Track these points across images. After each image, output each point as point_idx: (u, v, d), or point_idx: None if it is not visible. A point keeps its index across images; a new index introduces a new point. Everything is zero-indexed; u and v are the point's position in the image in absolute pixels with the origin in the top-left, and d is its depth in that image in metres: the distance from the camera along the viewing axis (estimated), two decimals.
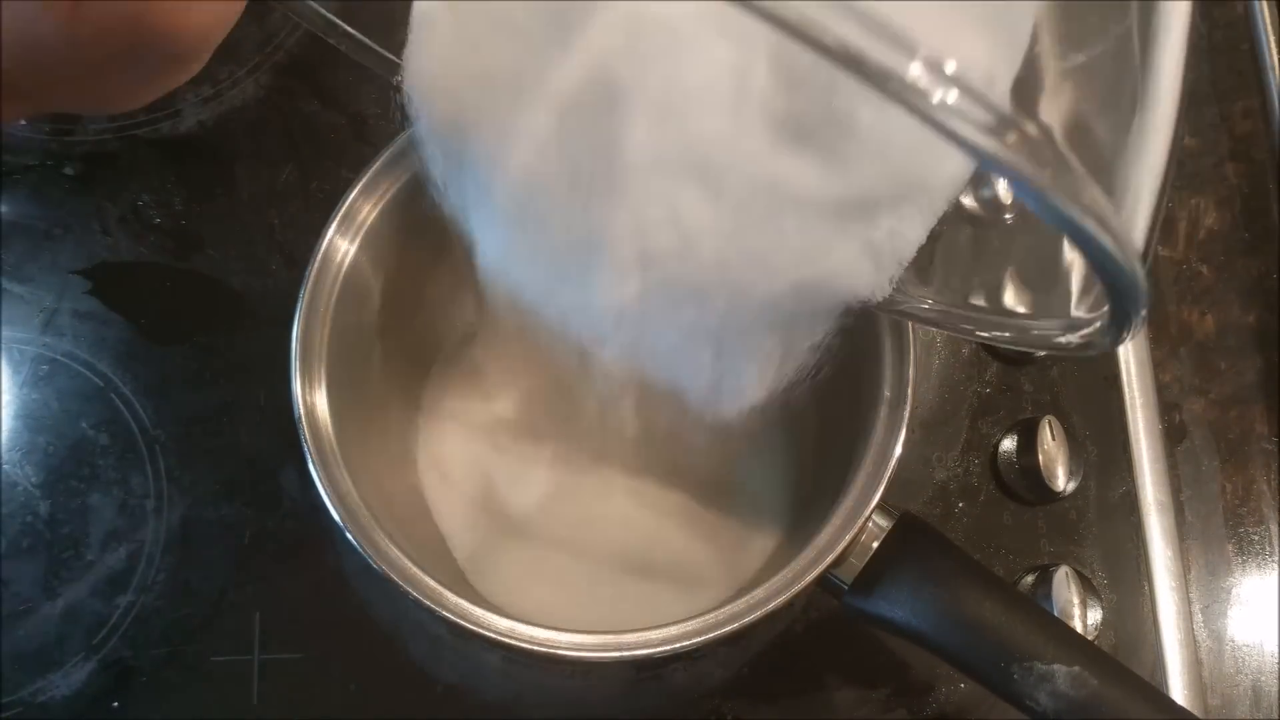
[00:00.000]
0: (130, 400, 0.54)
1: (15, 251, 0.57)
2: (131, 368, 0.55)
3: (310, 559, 0.52)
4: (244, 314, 0.56)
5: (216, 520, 0.53)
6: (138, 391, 0.54)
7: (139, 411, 0.54)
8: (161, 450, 0.53)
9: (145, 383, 0.54)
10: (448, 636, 0.51)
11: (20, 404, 0.54)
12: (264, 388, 0.54)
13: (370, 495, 0.42)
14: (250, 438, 0.54)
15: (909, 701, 0.52)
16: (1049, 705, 0.40)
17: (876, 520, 0.42)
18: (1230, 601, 0.55)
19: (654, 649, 0.38)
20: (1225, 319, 0.59)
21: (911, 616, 0.42)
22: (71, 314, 0.56)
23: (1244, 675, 0.54)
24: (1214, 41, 0.64)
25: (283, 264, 0.56)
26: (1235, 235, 0.60)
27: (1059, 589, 0.50)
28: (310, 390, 0.42)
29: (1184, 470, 0.57)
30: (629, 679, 0.52)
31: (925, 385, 0.56)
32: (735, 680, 0.52)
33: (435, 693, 0.51)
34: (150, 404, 0.54)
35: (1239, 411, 0.58)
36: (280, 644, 0.51)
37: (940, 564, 0.42)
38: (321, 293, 0.43)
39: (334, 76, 0.59)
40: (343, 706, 0.51)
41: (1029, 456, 0.53)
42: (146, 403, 0.54)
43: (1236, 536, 0.56)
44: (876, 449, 0.42)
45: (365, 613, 0.51)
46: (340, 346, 0.44)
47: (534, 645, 0.38)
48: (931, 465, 0.55)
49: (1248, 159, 0.62)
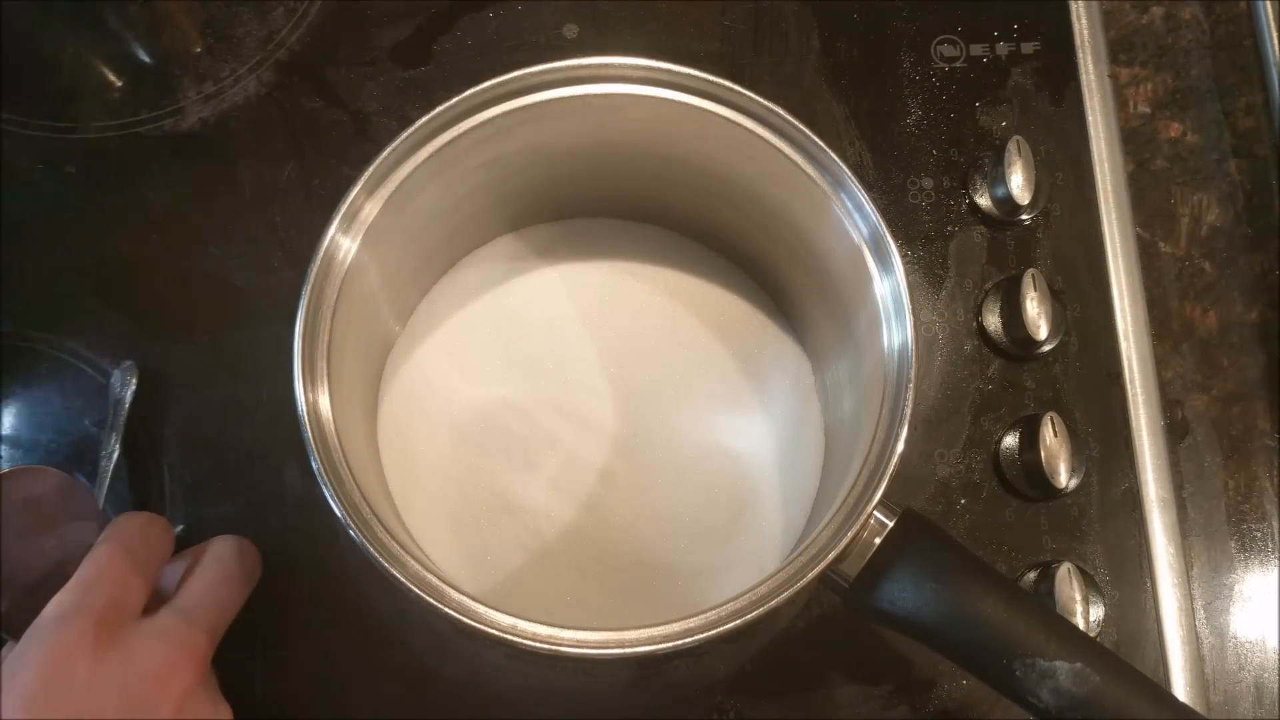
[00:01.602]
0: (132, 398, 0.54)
1: (17, 248, 0.57)
2: (133, 365, 0.54)
3: (313, 556, 0.52)
4: (246, 311, 0.56)
5: (219, 518, 0.53)
6: (140, 389, 0.54)
7: (141, 409, 0.54)
8: (164, 448, 0.53)
9: (147, 380, 0.54)
10: (450, 633, 0.51)
11: (22, 402, 0.55)
12: (266, 385, 0.54)
13: (373, 493, 0.42)
14: (253, 435, 0.54)
15: (911, 698, 0.52)
16: (1051, 702, 0.40)
17: (878, 517, 0.42)
18: (1233, 598, 0.55)
19: (656, 646, 0.38)
20: (1228, 315, 0.59)
21: (913, 613, 0.42)
22: (74, 311, 0.56)
23: (1246, 672, 0.54)
24: (1216, 38, 0.64)
25: (285, 261, 0.56)
26: (1238, 231, 0.60)
27: (1061, 586, 0.50)
28: (313, 388, 0.42)
29: (1186, 467, 0.57)
30: (631, 676, 0.52)
31: (927, 382, 0.56)
32: (737, 677, 0.52)
33: (438, 689, 0.51)
34: (152, 402, 0.54)
35: (1241, 408, 0.58)
36: (283, 642, 0.51)
37: (942, 561, 0.42)
38: (324, 290, 0.43)
39: (336, 74, 0.59)
40: (346, 704, 0.51)
41: (1031, 453, 0.53)
42: (148, 400, 0.54)
43: (1239, 533, 0.56)
44: (878, 446, 0.42)
45: (368, 610, 0.51)
46: (342, 343, 0.44)
47: (536, 642, 0.38)
48: (933, 462, 0.55)
49: (1250, 155, 0.62)
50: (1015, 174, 0.56)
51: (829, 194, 0.45)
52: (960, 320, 0.57)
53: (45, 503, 0.46)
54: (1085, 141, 0.59)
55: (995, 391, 0.56)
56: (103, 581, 0.42)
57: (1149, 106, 0.62)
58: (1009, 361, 0.56)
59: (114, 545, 0.43)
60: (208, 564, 0.46)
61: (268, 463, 0.53)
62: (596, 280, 0.55)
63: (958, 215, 0.58)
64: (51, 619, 0.40)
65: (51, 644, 0.39)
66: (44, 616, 0.41)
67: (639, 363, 0.54)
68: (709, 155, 0.48)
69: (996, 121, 0.60)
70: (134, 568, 0.43)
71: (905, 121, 0.60)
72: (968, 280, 0.57)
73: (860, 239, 0.44)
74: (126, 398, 0.53)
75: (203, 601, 0.45)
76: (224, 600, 0.46)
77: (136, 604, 0.43)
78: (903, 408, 0.41)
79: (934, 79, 0.60)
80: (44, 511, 0.46)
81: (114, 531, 0.44)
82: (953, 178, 0.59)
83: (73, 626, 0.40)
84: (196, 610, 0.44)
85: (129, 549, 0.43)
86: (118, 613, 0.41)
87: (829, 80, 0.60)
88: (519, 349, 0.54)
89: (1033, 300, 0.54)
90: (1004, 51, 0.61)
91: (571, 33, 0.60)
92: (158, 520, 0.46)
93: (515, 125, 0.46)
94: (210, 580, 0.46)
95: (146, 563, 0.44)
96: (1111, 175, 0.59)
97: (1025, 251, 0.58)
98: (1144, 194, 0.60)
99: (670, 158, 0.49)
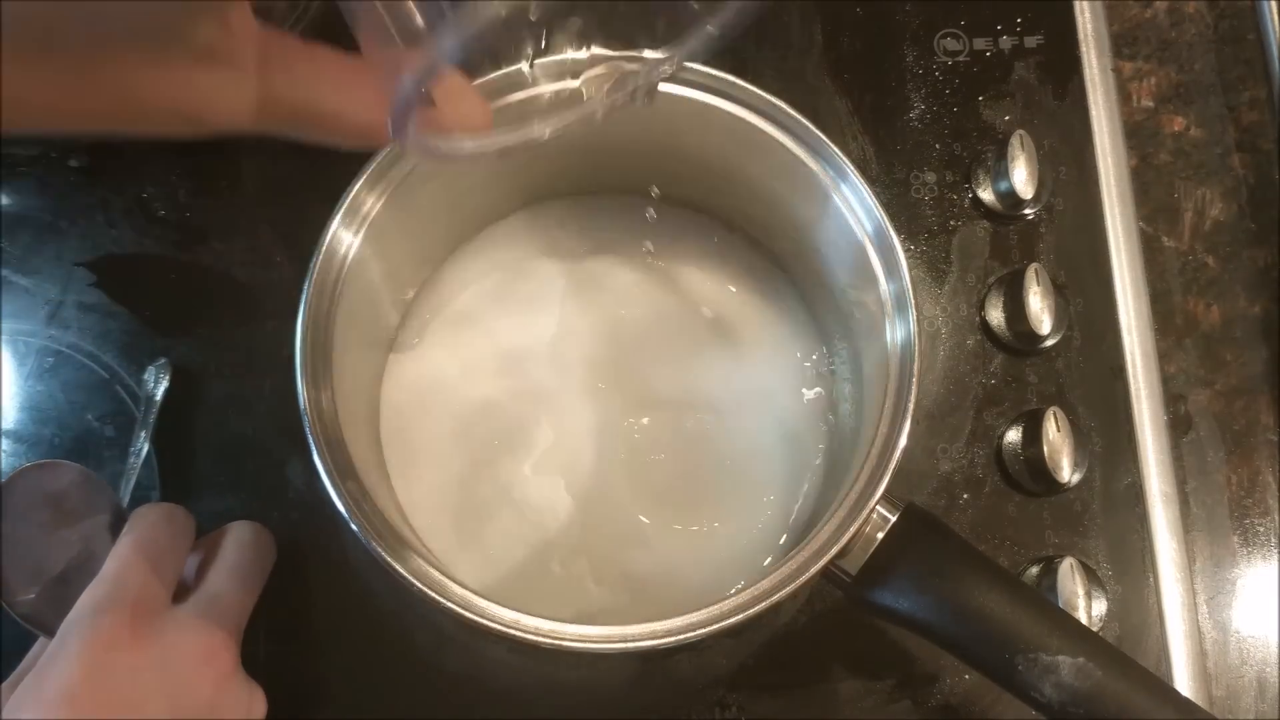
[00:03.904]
0: (135, 393, 0.54)
1: (20, 243, 0.57)
2: (137, 360, 0.55)
3: (316, 551, 0.52)
4: (248, 306, 0.56)
5: (223, 512, 0.53)
6: (143, 384, 0.54)
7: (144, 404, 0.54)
8: (166, 443, 0.53)
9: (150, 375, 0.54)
10: (453, 628, 0.51)
11: (25, 396, 0.55)
12: (269, 380, 0.54)
13: (375, 487, 0.42)
14: (255, 430, 0.54)
15: (913, 693, 0.52)
16: (1053, 697, 0.40)
17: (881, 512, 0.42)
18: (1235, 593, 0.55)
19: (659, 640, 0.38)
20: (1231, 310, 0.59)
21: (916, 608, 0.42)
22: (76, 306, 0.56)
23: (1249, 667, 0.54)
24: (1220, 32, 0.63)
25: (287, 256, 0.56)
26: (1241, 226, 0.60)
27: (1064, 581, 0.50)
28: (315, 382, 0.42)
29: (1189, 462, 0.56)
30: (634, 670, 0.52)
31: (930, 377, 0.56)
32: (740, 671, 0.52)
33: (441, 684, 0.51)
34: (155, 396, 0.54)
35: (1244, 403, 0.58)
36: (286, 636, 0.51)
37: (945, 555, 0.42)
38: (326, 285, 0.43)
39: None
40: (348, 698, 0.51)
41: (1034, 448, 0.53)
42: (151, 395, 0.54)
43: (1242, 528, 0.56)
44: (881, 441, 0.42)
45: (370, 604, 0.51)
46: (345, 338, 0.44)
47: (538, 637, 0.38)
48: (936, 457, 0.55)
49: (1254, 149, 0.61)
50: (1018, 168, 0.56)
51: (832, 188, 0.45)
52: (963, 315, 0.57)
53: (67, 497, 0.46)
54: (1088, 136, 0.59)
55: (998, 386, 0.56)
56: (133, 572, 0.42)
57: (1152, 101, 0.62)
58: (1012, 356, 0.56)
59: (140, 536, 0.44)
60: (229, 549, 0.47)
61: (270, 457, 0.53)
62: (599, 271, 0.55)
63: (961, 210, 0.58)
64: (87, 611, 0.41)
65: (90, 635, 0.40)
66: (79, 609, 0.41)
67: (643, 353, 0.54)
68: (711, 150, 0.48)
69: (1000, 116, 0.60)
70: (161, 557, 0.43)
71: (908, 116, 0.60)
72: (971, 275, 0.57)
73: (863, 233, 0.44)
74: (158, 395, 0.53)
75: (229, 586, 0.45)
76: (249, 583, 0.46)
77: (167, 592, 0.43)
78: (905, 402, 0.41)
79: (937, 73, 0.60)
80: (65, 506, 0.46)
81: (138, 523, 0.45)
82: (956, 172, 0.59)
83: (110, 618, 0.40)
84: (225, 595, 0.45)
85: (154, 540, 0.44)
86: (151, 602, 0.42)
87: (832, 74, 0.60)
88: (522, 342, 0.54)
89: (1036, 295, 0.54)
90: (1007, 46, 0.61)
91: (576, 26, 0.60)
92: (178, 510, 0.46)
93: (519, 116, 0.46)
94: (233, 564, 0.46)
95: (172, 551, 0.44)
96: (1115, 169, 0.59)
97: (1028, 246, 0.58)
98: (1147, 188, 0.60)
99: (672, 152, 0.49)
